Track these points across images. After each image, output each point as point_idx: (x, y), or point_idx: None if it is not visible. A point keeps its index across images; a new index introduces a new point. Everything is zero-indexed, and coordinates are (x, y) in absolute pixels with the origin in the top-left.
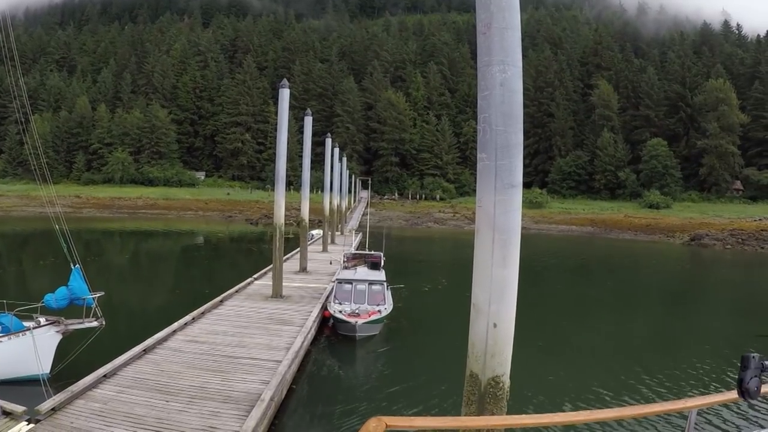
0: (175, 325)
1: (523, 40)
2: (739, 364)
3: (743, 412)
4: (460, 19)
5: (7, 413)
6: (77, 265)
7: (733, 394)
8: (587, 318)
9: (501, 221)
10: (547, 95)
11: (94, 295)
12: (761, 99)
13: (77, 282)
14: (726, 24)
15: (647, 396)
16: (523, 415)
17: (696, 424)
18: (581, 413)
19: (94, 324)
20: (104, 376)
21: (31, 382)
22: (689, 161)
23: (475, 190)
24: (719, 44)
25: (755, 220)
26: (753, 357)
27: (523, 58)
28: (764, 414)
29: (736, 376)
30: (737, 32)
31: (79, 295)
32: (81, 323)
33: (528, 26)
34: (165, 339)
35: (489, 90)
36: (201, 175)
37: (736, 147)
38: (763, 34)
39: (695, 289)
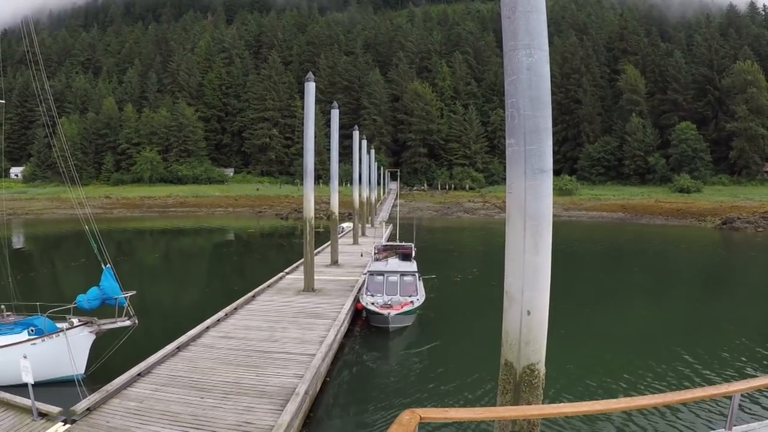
0: (208, 321)
1: (548, 26)
2: None
3: None
4: (484, 7)
5: (43, 414)
6: (108, 265)
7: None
8: (619, 304)
9: (532, 207)
10: (574, 81)
11: (125, 295)
12: None
13: (108, 282)
14: (752, 5)
15: (682, 382)
16: (561, 404)
17: (740, 408)
18: (621, 400)
19: (127, 323)
20: (138, 374)
21: (66, 382)
22: (719, 144)
23: (504, 179)
24: (746, 26)
25: None
26: None
27: (549, 45)
28: None
29: None
30: (764, 13)
31: (110, 295)
32: (114, 323)
33: (553, 12)
34: (198, 336)
35: (516, 75)
36: (230, 172)
37: (765, 129)
38: None
39: (727, 272)
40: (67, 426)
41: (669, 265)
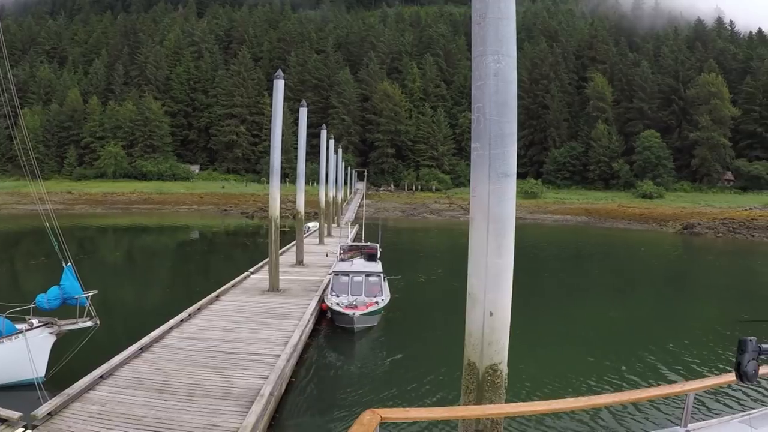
0: (172, 322)
1: (519, 32)
2: (736, 348)
3: (739, 395)
4: (456, 11)
5: (2, 420)
6: (69, 264)
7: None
8: (581, 305)
9: (495, 211)
10: (543, 87)
11: (87, 294)
12: (752, 93)
13: (69, 281)
14: (719, 20)
15: (642, 381)
16: (520, 403)
17: (693, 406)
18: (580, 399)
19: (89, 324)
20: (101, 377)
21: (26, 386)
22: (681, 152)
23: (470, 181)
24: (712, 40)
25: (746, 210)
26: (750, 341)
27: (518, 51)
28: (759, 395)
29: (733, 359)
30: (730, 29)
31: (71, 295)
32: (75, 323)
33: (524, 19)
34: (161, 337)
35: (483, 80)
36: (195, 169)
37: (727, 139)
38: (755, 31)
39: (686, 275)
40: (28, 431)
41: (629, 268)
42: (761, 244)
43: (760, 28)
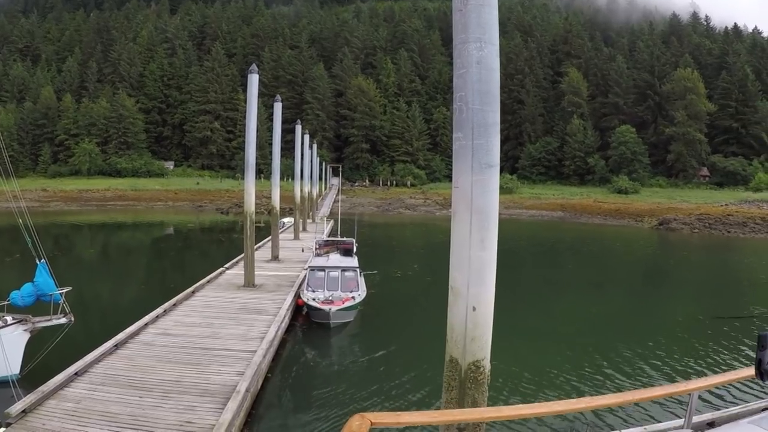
0: (147, 318)
1: None
2: (756, 344)
3: (746, 395)
4: (430, 5)
5: None
6: (43, 260)
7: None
8: (558, 301)
9: (479, 202)
10: (518, 82)
11: (61, 291)
12: (728, 89)
13: (43, 277)
14: (695, 15)
15: (621, 376)
16: (519, 406)
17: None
18: (581, 400)
19: (63, 320)
20: (75, 374)
21: (0, 384)
22: (657, 148)
23: (446, 176)
24: (688, 35)
25: (721, 205)
26: None
27: None
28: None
29: (754, 355)
30: (706, 24)
31: (45, 291)
32: (49, 320)
33: (499, 13)
34: (136, 333)
35: (465, 68)
36: (170, 165)
37: (702, 134)
38: (731, 26)
39: (662, 271)
40: (2, 429)
41: (605, 264)
42: (737, 240)
43: (735, 23)
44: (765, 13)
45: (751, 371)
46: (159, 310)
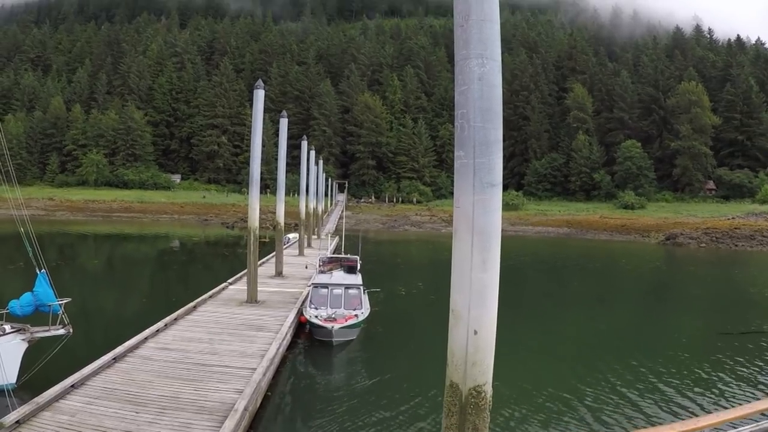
0: (147, 332)
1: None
2: None
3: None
4: (437, 23)
5: None
6: (43, 270)
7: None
8: (565, 318)
9: (480, 222)
10: (523, 98)
11: (60, 302)
12: (732, 101)
13: (43, 287)
14: (698, 29)
15: (633, 396)
16: None
17: None
18: None
19: (61, 331)
20: (72, 386)
21: None
22: (663, 162)
23: (452, 193)
24: (691, 48)
25: (728, 219)
26: None
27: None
28: None
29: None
30: (709, 36)
31: (44, 302)
32: (47, 331)
33: (504, 30)
34: (136, 347)
35: (467, 85)
36: (177, 178)
37: (708, 148)
38: (733, 38)
39: (668, 287)
40: None
41: (612, 281)
42: (744, 254)
43: (738, 35)
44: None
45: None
46: (159, 324)
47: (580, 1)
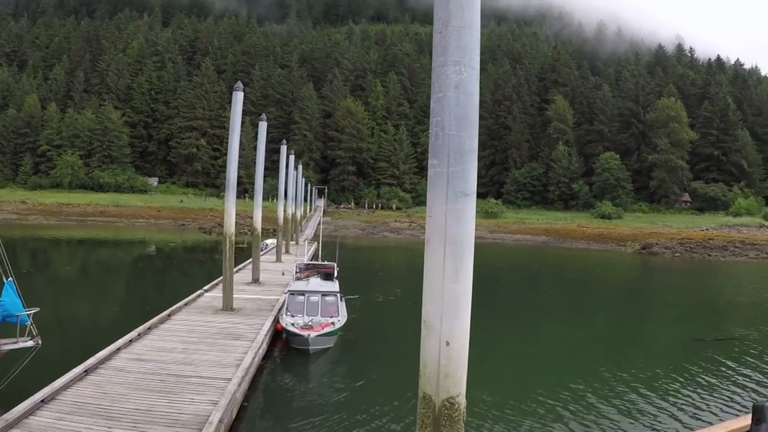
0: (120, 342)
1: (483, 54)
2: (751, 416)
3: None
4: (422, 30)
5: None
6: (10, 279)
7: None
8: (542, 326)
9: (453, 232)
10: (505, 108)
11: (28, 312)
12: (710, 117)
13: (10, 297)
14: (679, 47)
15: (610, 407)
16: None
17: None
18: None
19: (30, 343)
20: (42, 401)
21: None
22: (640, 174)
23: (427, 200)
24: (672, 65)
25: (702, 230)
26: None
27: (482, 72)
28: None
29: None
30: (690, 55)
31: (11, 312)
32: (15, 343)
33: (489, 41)
34: (108, 358)
35: (443, 92)
36: (154, 181)
37: (684, 162)
38: (714, 57)
39: (644, 295)
40: None
41: (588, 289)
42: (717, 263)
43: (718, 55)
44: (747, 45)
45: (743, 422)
46: (133, 334)
47: (566, 16)
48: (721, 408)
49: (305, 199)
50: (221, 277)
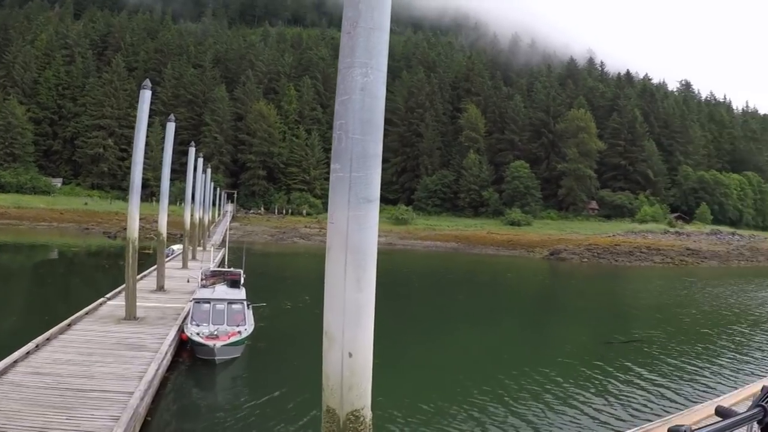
0: (16, 354)
1: (398, 61)
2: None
3: None
4: (338, 35)
5: None
6: None
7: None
8: (450, 334)
9: (355, 239)
10: (418, 116)
11: None
12: (617, 129)
13: None
14: (591, 61)
15: (523, 411)
16: None
17: None
18: None
19: None
20: None
21: None
22: (549, 182)
23: (328, 207)
24: (583, 78)
25: (609, 236)
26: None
27: (396, 80)
28: None
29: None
30: (600, 69)
31: None
32: None
33: (405, 49)
34: (4, 372)
35: (348, 94)
36: (58, 182)
37: (592, 171)
38: (623, 72)
39: (553, 300)
40: None
41: (498, 294)
42: (623, 268)
43: (628, 69)
44: (655, 61)
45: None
46: (30, 346)
47: (481, 26)
48: (634, 402)
49: (214, 204)
50: (124, 285)
